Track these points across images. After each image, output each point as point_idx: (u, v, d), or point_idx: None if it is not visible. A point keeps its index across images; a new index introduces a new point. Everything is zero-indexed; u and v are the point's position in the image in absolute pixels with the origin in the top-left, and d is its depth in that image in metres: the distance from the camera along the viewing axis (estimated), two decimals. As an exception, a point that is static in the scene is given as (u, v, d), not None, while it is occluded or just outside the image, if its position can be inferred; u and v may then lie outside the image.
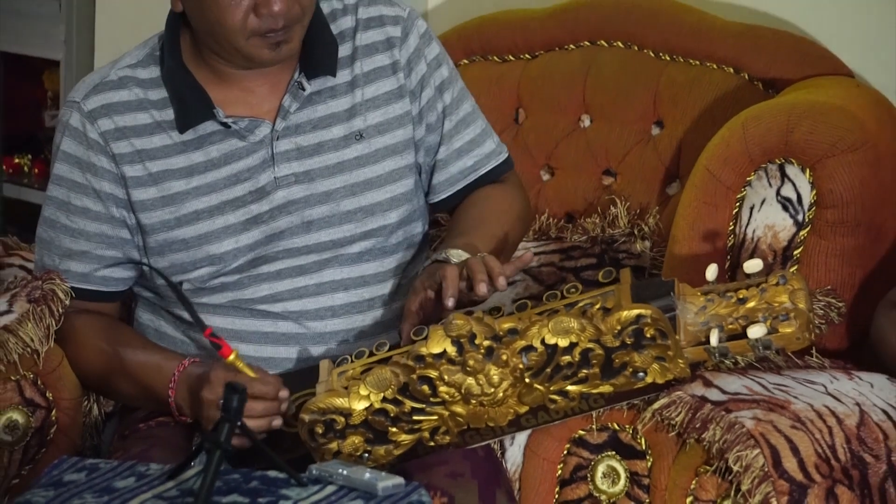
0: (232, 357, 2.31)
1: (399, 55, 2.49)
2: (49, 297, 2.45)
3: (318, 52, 2.44)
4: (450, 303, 2.26)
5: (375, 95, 2.48)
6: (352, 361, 2.31)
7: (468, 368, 2.22)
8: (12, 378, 2.43)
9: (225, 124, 2.43)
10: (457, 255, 2.35)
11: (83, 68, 3.63)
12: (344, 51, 2.47)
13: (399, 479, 2.04)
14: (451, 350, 2.21)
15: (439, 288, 2.29)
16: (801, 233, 2.49)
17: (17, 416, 2.44)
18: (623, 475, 2.36)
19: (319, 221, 2.43)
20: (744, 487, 2.18)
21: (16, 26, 3.89)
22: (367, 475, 2.04)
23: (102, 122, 2.44)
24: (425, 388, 2.23)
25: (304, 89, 2.44)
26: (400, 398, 2.24)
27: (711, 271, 2.26)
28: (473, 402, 2.24)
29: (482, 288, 2.26)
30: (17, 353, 2.42)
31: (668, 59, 2.86)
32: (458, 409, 2.25)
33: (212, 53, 2.41)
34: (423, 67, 2.50)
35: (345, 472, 2.05)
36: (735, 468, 2.19)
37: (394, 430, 2.25)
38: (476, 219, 2.49)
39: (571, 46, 2.97)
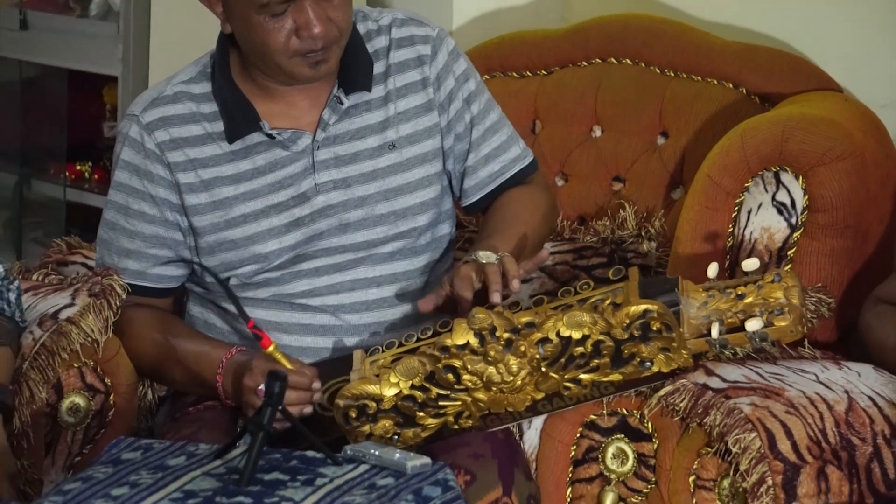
0: (271, 349, 2.31)
1: (429, 72, 2.49)
2: (108, 292, 2.45)
3: (355, 70, 2.44)
4: (467, 295, 2.27)
5: (407, 109, 2.47)
6: (383, 351, 2.31)
7: (489, 358, 2.21)
8: (75, 365, 2.44)
9: (270, 135, 2.43)
10: (484, 256, 2.35)
11: (139, 84, 3.63)
12: (378, 68, 2.47)
13: (426, 459, 2.05)
14: (474, 341, 2.20)
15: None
16: (795, 235, 2.48)
17: (79, 400, 2.45)
18: (631, 456, 2.35)
19: (355, 224, 2.43)
20: (742, 467, 2.17)
21: (79, 46, 3.90)
22: (397, 455, 2.04)
23: (159, 133, 2.45)
24: (450, 376, 2.23)
25: (342, 103, 2.44)
26: (427, 385, 2.23)
27: (712, 269, 2.25)
28: (494, 389, 2.24)
29: (496, 297, 2.25)
30: (79, 343, 2.42)
31: (672, 75, 2.86)
32: (480, 395, 2.24)
33: (258, 71, 2.41)
34: (452, 82, 2.50)
35: (377, 453, 2.05)
36: (734, 450, 2.18)
37: (421, 414, 2.25)
38: (502, 221, 2.48)
39: (584, 63, 2.96)
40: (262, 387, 2.22)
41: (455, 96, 2.50)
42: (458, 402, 2.25)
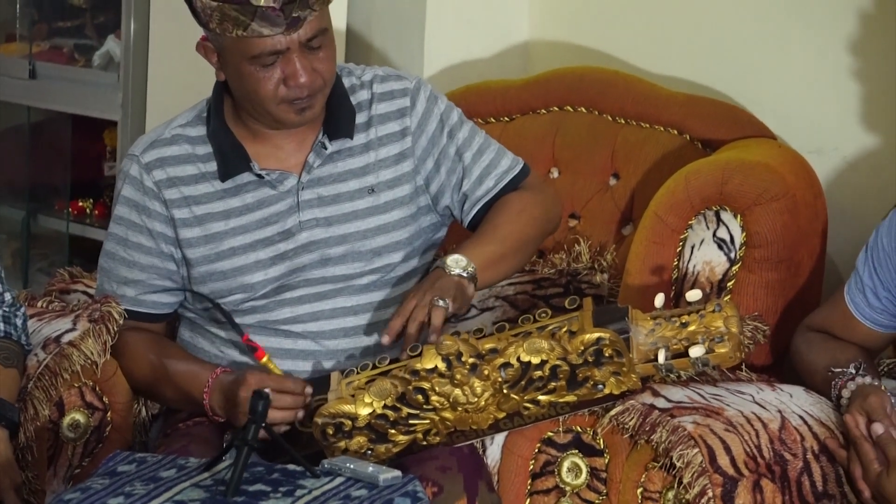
0: (265, 359, 2.31)
1: (409, 122, 2.48)
2: (106, 318, 2.44)
3: (339, 119, 2.43)
4: (384, 339, 2.31)
5: (387, 156, 2.46)
6: (358, 373, 2.30)
7: (455, 381, 2.20)
8: (75, 385, 2.43)
9: (259, 175, 2.42)
10: (453, 261, 2.34)
11: (137, 127, 3.63)
12: (361, 118, 2.46)
13: (397, 472, 2.03)
14: (442, 366, 2.20)
15: None
16: (734, 268, 2.49)
17: (79, 417, 2.43)
18: (584, 470, 2.34)
19: (335, 258, 2.42)
20: (685, 480, 2.17)
21: (82, 93, 3.90)
22: (371, 469, 2.03)
23: (157, 172, 2.44)
24: (419, 397, 2.22)
25: (326, 148, 2.44)
26: (398, 405, 2.22)
27: (659, 300, 2.25)
28: (460, 408, 2.23)
29: (385, 339, 2.28)
30: (79, 364, 2.41)
31: (623, 122, 2.86)
32: (447, 414, 2.24)
33: (249, 116, 2.41)
34: (434, 124, 2.49)
35: (352, 466, 2.04)
36: (678, 464, 2.18)
37: (393, 431, 2.24)
38: (488, 225, 2.45)
39: (543, 111, 2.97)
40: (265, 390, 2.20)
41: (440, 136, 2.49)
42: (427, 421, 2.24)
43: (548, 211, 2.53)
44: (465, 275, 2.34)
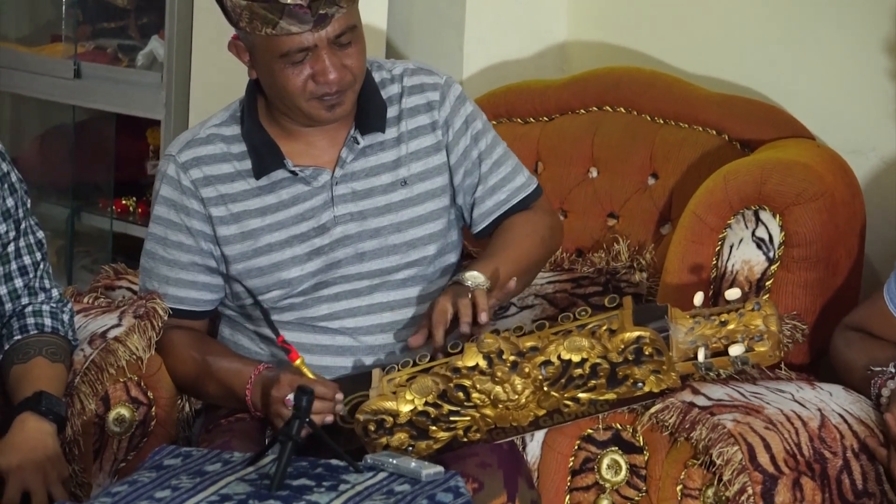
0: (298, 362, 2.31)
1: (438, 116, 2.48)
2: (151, 314, 2.45)
3: (370, 113, 2.44)
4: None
5: (418, 149, 2.47)
6: (399, 370, 2.29)
7: (496, 379, 2.20)
8: (121, 380, 2.43)
9: (293, 172, 2.42)
10: (471, 276, 2.34)
11: (180, 126, 3.63)
12: (392, 112, 2.47)
13: (439, 468, 2.03)
14: (483, 363, 2.19)
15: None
16: (772, 267, 2.47)
17: (124, 412, 2.44)
18: (624, 467, 2.34)
19: (370, 253, 2.42)
20: (725, 478, 2.16)
21: (126, 93, 3.91)
22: (413, 464, 2.03)
23: (193, 171, 2.44)
24: (460, 394, 2.21)
25: (358, 143, 2.44)
26: (439, 402, 2.22)
27: (698, 298, 2.24)
28: (500, 406, 2.22)
29: (465, 328, 2.24)
30: (124, 360, 2.42)
31: (661, 122, 2.85)
32: (488, 411, 2.23)
33: (281, 114, 2.41)
34: (460, 124, 2.49)
35: (394, 462, 2.04)
36: (718, 462, 2.17)
37: (434, 428, 2.24)
38: (500, 244, 2.46)
39: (581, 111, 2.96)
40: (289, 397, 2.22)
41: (463, 136, 2.49)
42: (468, 418, 2.23)
43: (554, 236, 2.56)
44: (483, 288, 2.33)
